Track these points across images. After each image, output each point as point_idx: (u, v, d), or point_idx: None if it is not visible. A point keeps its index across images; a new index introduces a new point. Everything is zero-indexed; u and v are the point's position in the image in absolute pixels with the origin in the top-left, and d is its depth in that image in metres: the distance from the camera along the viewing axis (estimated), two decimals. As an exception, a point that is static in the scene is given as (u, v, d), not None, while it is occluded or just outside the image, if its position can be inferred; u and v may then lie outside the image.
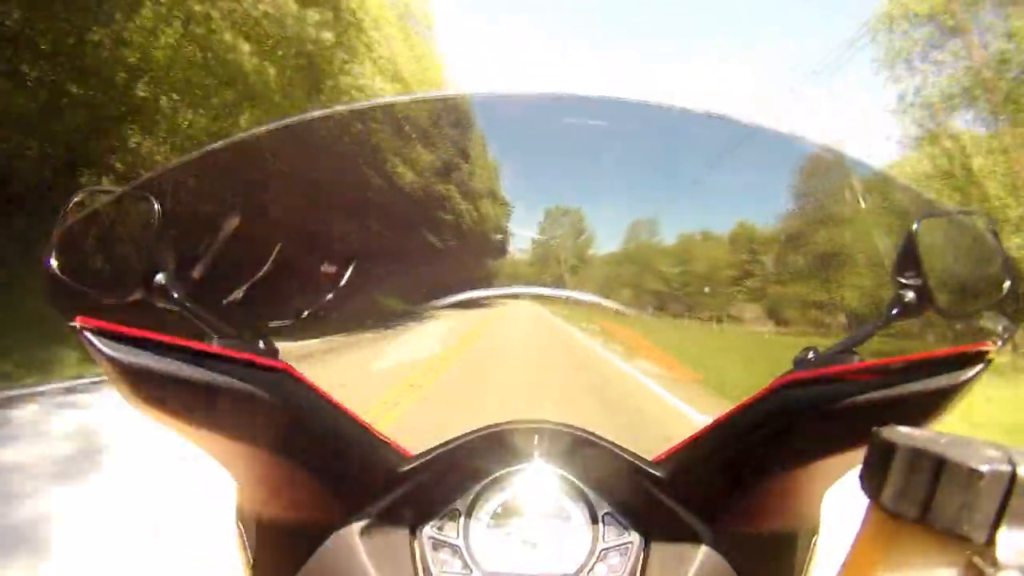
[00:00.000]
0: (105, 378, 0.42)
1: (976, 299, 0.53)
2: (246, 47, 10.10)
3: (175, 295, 0.46)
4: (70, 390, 4.79)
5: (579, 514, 0.52)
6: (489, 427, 0.56)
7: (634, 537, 0.51)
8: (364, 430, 0.51)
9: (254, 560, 0.52)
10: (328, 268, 0.70)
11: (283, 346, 0.51)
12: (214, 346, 0.45)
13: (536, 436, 0.56)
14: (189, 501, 2.57)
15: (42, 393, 4.62)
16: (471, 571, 0.49)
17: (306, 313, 0.71)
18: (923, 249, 0.50)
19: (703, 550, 0.49)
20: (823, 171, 0.68)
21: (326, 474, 0.49)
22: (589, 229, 1.05)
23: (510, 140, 0.81)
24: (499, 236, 1.02)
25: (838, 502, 0.54)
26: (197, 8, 9.43)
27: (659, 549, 0.50)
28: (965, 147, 10.49)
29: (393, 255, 0.92)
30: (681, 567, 0.48)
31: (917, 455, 0.21)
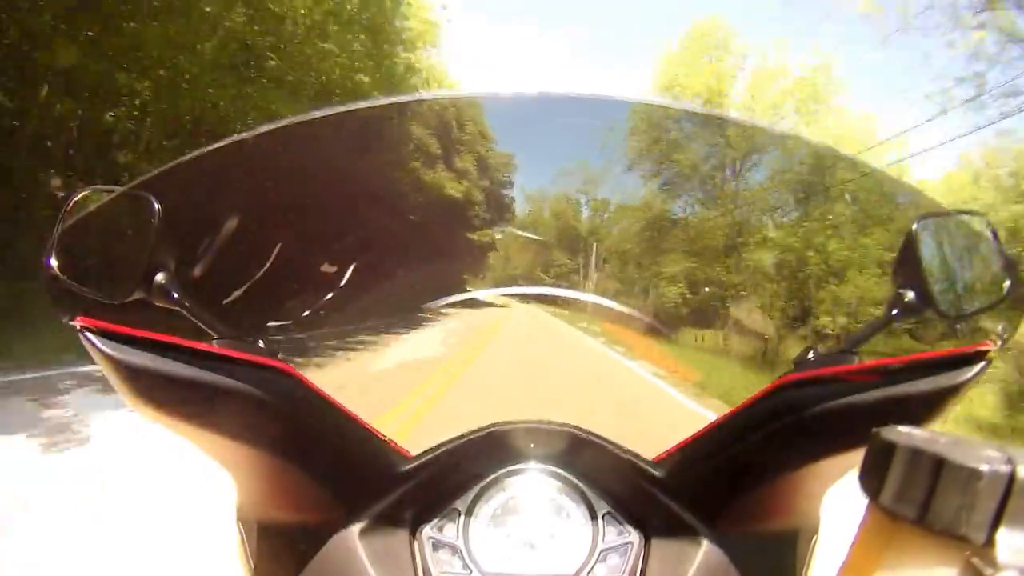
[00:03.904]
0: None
1: (976, 299, 0.53)
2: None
3: (175, 295, 0.46)
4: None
5: (579, 514, 0.52)
6: (489, 427, 0.56)
7: (634, 537, 0.51)
8: (364, 430, 0.51)
9: (254, 560, 0.52)
10: (328, 268, 0.70)
11: (283, 346, 0.51)
12: (214, 346, 0.45)
13: (536, 436, 0.56)
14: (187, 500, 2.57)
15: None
16: (471, 571, 0.49)
17: (306, 313, 0.71)
18: (923, 249, 0.50)
19: (703, 550, 0.49)
20: (823, 170, 0.68)
21: (326, 474, 0.49)
22: (589, 228, 1.05)
23: (511, 139, 0.81)
24: (499, 236, 1.02)
25: (838, 502, 0.54)
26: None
27: (659, 549, 0.50)
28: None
29: (393, 255, 0.92)
30: (681, 567, 0.48)
31: (916, 455, 0.21)
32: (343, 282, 0.68)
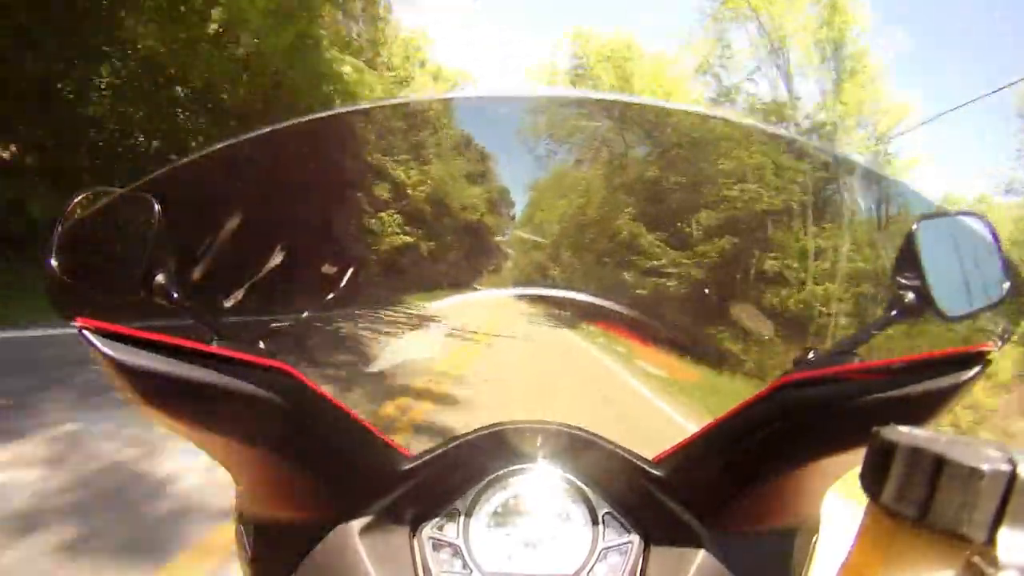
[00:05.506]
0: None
1: (976, 299, 0.53)
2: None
3: (175, 295, 0.46)
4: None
5: (579, 514, 0.52)
6: (489, 427, 0.56)
7: (634, 537, 0.51)
8: (364, 430, 0.51)
9: (254, 560, 0.52)
10: (329, 269, 0.70)
11: (283, 346, 0.51)
12: (214, 346, 0.45)
13: (536, 436, 0.56)
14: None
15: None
16: (471, 571, 0.49)
17: (306, 313, 0.71)
18: (923, 249, 0.50)
19: (703, 550, 0.49)
20: (822, 171, 0.68)
21: (326, 474, 0.49)
22: (585, 228, 1.05)
23: (510, 140, 0.82)
24: (497, 237, 1.02)
25: (838, 502, 0.54)
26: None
27: (659, 549, 0.50)
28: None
29: (393, 256, 0.92)
30: (681, 567, 0.48)
31: (917, 455, 0.21)
32: (344, 282, 0.69)
